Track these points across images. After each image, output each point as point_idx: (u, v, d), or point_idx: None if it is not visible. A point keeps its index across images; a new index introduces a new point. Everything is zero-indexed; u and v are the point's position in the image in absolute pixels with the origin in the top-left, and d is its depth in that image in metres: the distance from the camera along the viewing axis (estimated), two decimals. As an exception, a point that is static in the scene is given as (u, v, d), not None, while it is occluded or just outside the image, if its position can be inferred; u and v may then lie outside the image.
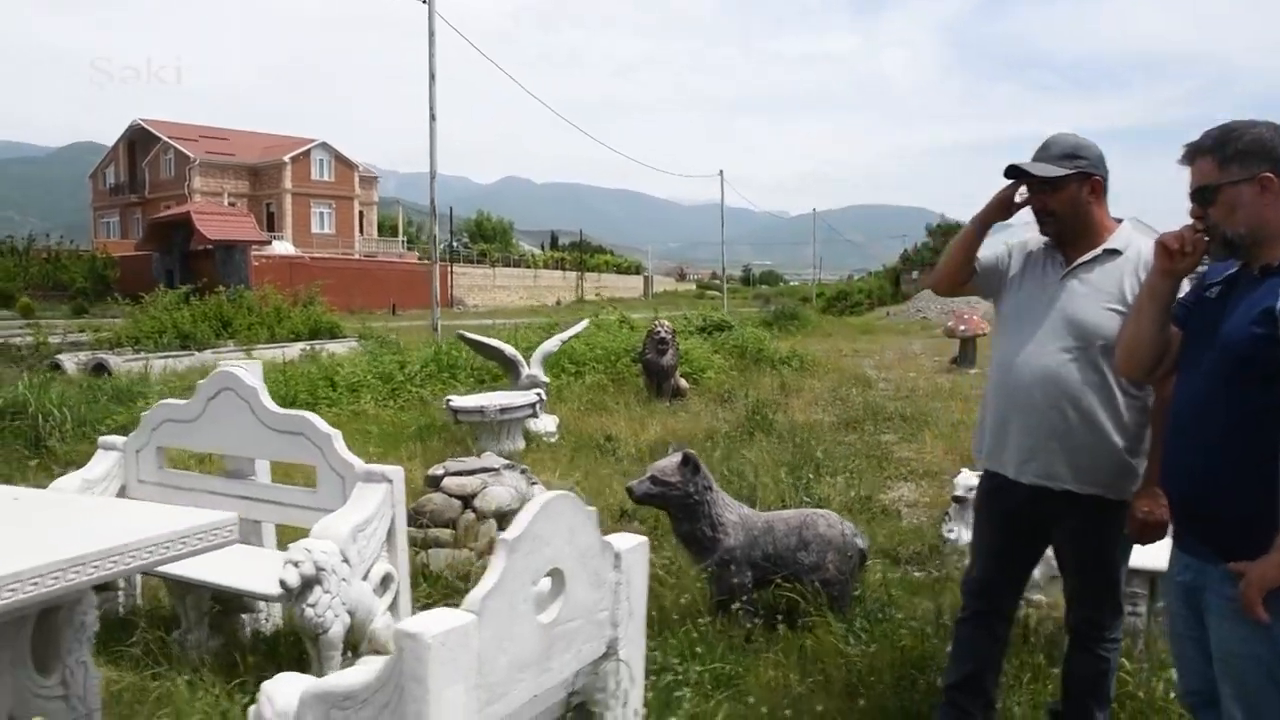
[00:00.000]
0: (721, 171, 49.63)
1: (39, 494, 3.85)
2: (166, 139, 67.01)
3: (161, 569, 3.42)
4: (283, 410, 4.46)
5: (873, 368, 17.45)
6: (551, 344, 10.54)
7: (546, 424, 9.12)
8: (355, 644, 3.99)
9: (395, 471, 4.16)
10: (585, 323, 13.18)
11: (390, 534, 4.14)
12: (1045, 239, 3.39)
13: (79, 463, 8.33)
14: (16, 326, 24.28)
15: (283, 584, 3.66)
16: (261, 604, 4.69)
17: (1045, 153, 3.20)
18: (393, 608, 4.17)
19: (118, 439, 5.04)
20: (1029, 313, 3.30)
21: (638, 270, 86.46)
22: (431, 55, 21.32)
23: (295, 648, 4.34)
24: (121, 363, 15.76)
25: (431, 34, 21.26)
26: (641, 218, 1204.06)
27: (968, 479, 5.63)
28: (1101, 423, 3.12)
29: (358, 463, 4.21)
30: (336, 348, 17.91)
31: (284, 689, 2.43)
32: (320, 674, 3.85)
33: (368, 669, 2.28)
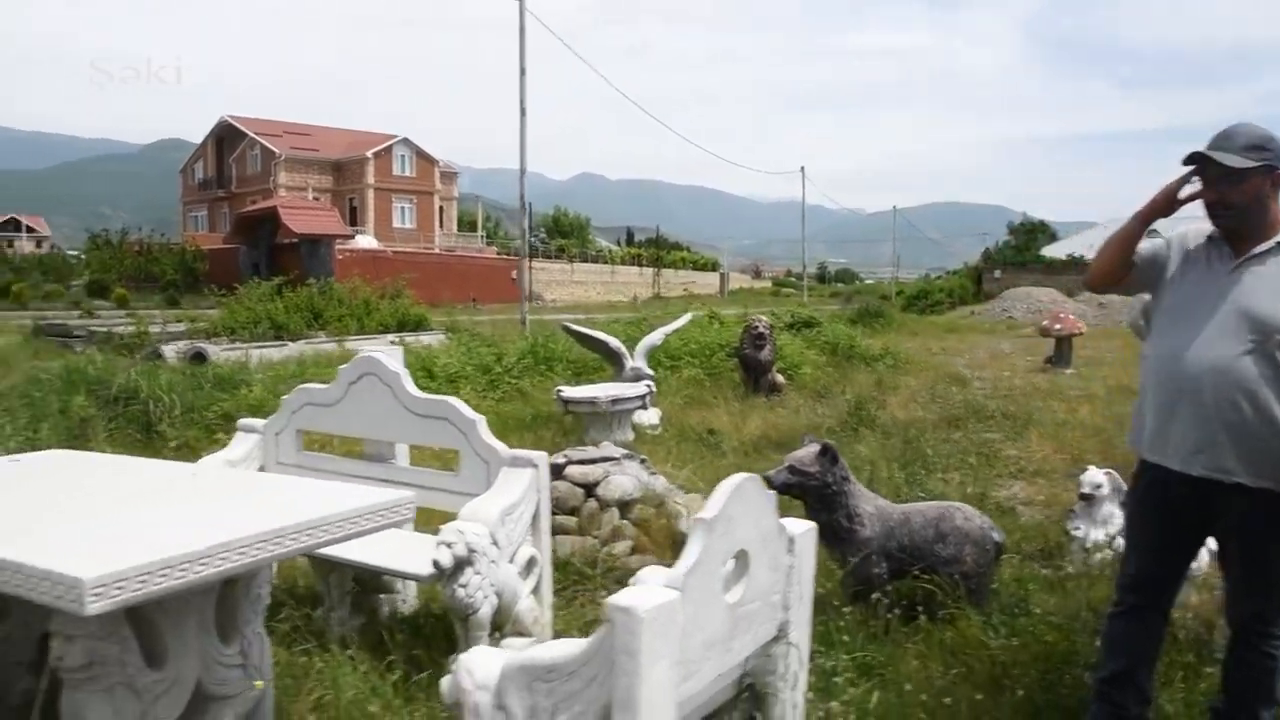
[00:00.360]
0: (803, 168, 49.47)
1: (215, 470, 3.98)
2: (253, 135, 68.52)
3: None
4: (426, 395, 4.54)
5: (965, 366, 17.25)
6: (655, 337, 10.56)
7: (650, 417, 9.16)
8: (499, 625, 4.05)
9: (540, 457, 4.22)
10: (689, 316, 13.19)
11: (535, 518, 4.20)
12: (1204, 232, 3.34)
13: (192, 446, 8.60)
14: (119, 316, 24.98)
15: (436, 564, 3.74)
16: (399, 585, 4.79)
17: (1227, 143, 3.13)
18: (535, 591, 4.24)
19: (257, 422, 5.15)
20: (1196, 306, 3.25)
21: (714, 267, 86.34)
22: (522, 51, 21.52)
23: (437, 628, 4.43)
24: (219, 352, 16.13)
25: (522, 30, 21.46)
26: (715, 215, 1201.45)
27: (1094, 476, 5.56)
28: (1277, 416, 3.07)
29: (502, 447, 4.27)
30: (426, 340, 18.14)
31: (483, 661, 2.48)
32: (467, 653, 3.94)
33: (573, 643, 2.33)
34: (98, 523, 2.84)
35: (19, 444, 7.80)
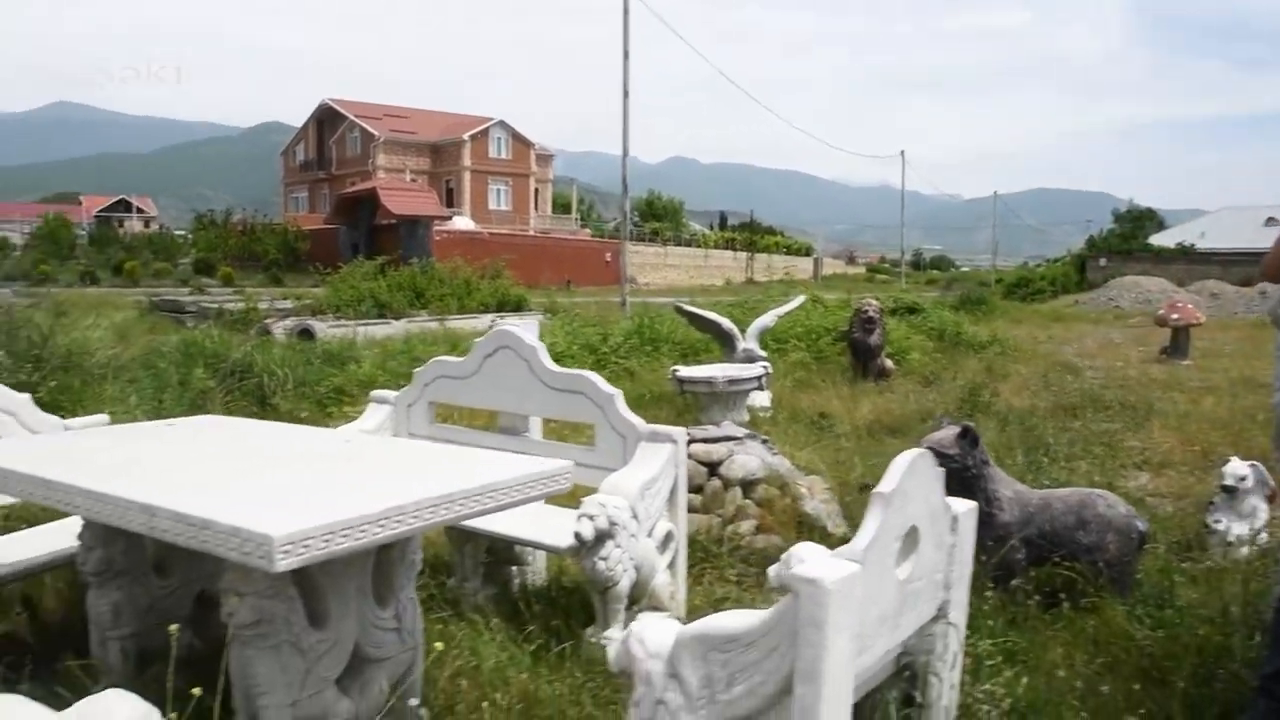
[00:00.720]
0: (903, 152, 48.79)
1: (365, 436, 4.04)
2: (353, 118, 69.69)
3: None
4: (563, 370, 4.55)
5: (1075, 355, 16.84)
6: (767, 319, 10.51)
7: (761, 399, 9.13)
8: (636, 599, 4.05)
9: (678, 432, 4.21)
10: (801, 298, 13.11)
11: (672, 493, 4.19)
12: None
13: (308, 419, 8.77)
14: (226, 293, 25.63)
15: (578, 536, 3.75)
16: (530, 556, 4.82)
17: None
18: (671, 566, 4.23)
19: (389, 394, 5.21)
20: None
21: (807, 252, 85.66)
22: (626, 34, 21.51)
23: (570, 599, 4.45)
24: (326, 329, 16.47)
25: (626, 13, 21.45)
26: (807, 200, 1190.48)
27: (1238, 468, 5.40)
28: None
29: (639, 422, 4.26)
30: (528, 320, 18.28)
31: (655, 630, 2.48)
32: (605, 626, 3.96)
33: (751, 614, 2.31)
34: (267, 484, 2.90)
35: (145, 412, 8.05)
